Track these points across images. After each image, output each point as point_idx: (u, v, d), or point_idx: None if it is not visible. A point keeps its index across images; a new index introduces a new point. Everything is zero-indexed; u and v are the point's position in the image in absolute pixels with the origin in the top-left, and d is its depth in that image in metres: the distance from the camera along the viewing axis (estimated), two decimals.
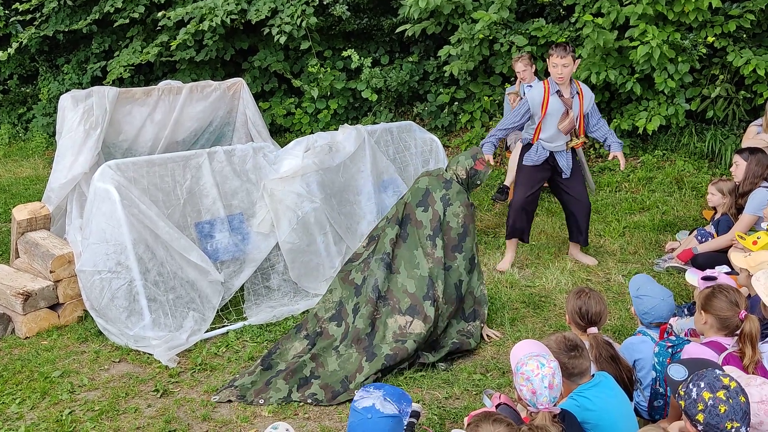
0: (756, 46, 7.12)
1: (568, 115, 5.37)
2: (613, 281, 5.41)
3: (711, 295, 3.26)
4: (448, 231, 4.57)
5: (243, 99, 6.75)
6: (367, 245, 4.79)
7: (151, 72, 10.26)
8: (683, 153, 7.61)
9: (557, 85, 5.37)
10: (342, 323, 4.52)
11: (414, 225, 4.61)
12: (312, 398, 4.02)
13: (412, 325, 4.37)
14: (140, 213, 4.69)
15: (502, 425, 2.57)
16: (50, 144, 10.03)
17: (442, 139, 8.51)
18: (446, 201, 4.59)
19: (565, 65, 5.26)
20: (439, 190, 4.63)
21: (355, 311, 4.52)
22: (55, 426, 3.81)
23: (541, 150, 5.51)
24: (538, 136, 5.50)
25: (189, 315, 4.78)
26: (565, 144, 5.49)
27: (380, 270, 4.53)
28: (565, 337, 3.00)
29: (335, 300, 4.64)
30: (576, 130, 5.47)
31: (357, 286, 4.61)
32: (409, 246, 4.58)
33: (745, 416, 2.41)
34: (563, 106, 5.38)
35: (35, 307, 4.87)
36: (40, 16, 9.96)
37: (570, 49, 5.26)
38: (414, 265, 4.51)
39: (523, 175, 5.62)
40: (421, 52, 9.19)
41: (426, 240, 4.55)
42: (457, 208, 4.57)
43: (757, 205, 5.12)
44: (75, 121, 5.56)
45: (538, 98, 5.43)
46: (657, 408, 3.38)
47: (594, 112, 5.57)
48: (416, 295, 4.43)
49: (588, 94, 5.52)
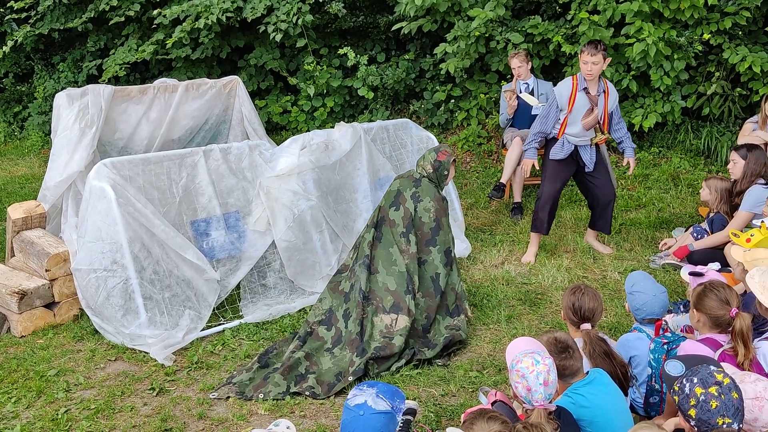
0: (752, 43, 7.13)
1: (592, 111, 5.42)
2: (609, 278, 5.42)
3: (702, 293, 3.27)
4: (421, 226, 4.69)
5: (239, 97, 6.75)
6: (352, 256, 4.90)
7: (147, 70, 10.23)
8: (679, 150, 7.62)
9: (585, 82, 5.40)
10: (332, 328, 4.58)
11: (388, 225, 4.72)
12: (309, 390, 4.07)
13: (397, 322, 4.46)
14: (136, 211, 4.69)
15: (496, 422, 2.57)
16: (46, 142, 10.01)
17: (439, 137, 8.51)
18: (416, 198, 4.71)
19: (595, 63, 5.30)
20: (409, 189, 4.76)
21: (346, 316, 4.58)
22: (51, 425, 3.80)
23: (567, 144, 5.57)
24: (564, 131, 5.54)
25: (185, 313, 4.78)
26: (590, 139, 5.56)
27: (362, 272, 4.63)
28: (556, 339, 3.01)
29: (325, 308, 4.71)
30: (600, 127, 5.53)
31: (346, 294, 4.70)
32: (384, 245, 4.68)
33: (737, 412, 2.42)
34: (589, 102, 5.44)
35: (31, 306, 4.86)
36: (35, 14, 9.93)
37: (601, 48, 5.31)
38: (391, 263, 4.61)
39: (550, 170, 5.68)
40: (418, 49, 9.18)
41: (400, 237, 4.66)
42: (428, 203, 4.69)
43: (753, 203, 5.13)
44: (70, 120, 5.55)
45: (565, 93, 5.48)
46: (653, 404, 3.39)
47: (616, 112, 5.66)
48: (397, 292, 4.53)
49: (613, 93, 5.59)
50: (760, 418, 2.53)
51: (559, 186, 5.68)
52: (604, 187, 5.70)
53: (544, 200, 5.69)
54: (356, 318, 4.49)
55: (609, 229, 5.87)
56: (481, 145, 8.38)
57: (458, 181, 7.71)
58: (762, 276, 3.32)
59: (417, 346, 4.43)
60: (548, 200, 5.67)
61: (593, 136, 5.56)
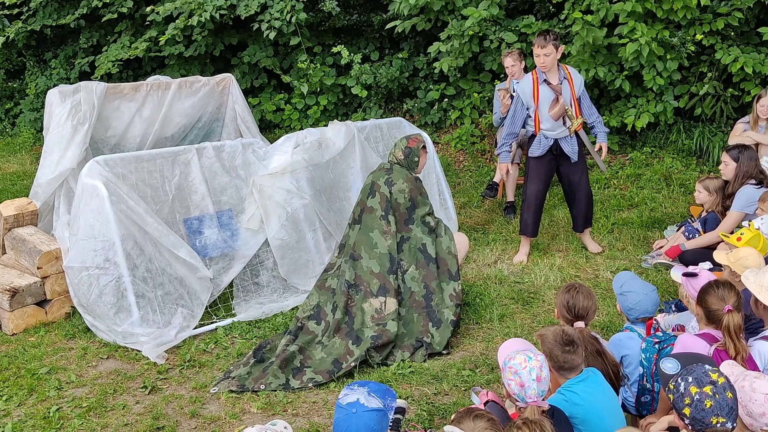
0: (744, 44, 7.16)
1: (558, 101, 5.39)
2: (602, 278, 5.43)
3: (704, 289, 3.32)
4: (398, 207, 4.84)
5: (232, 95, 6.73)
6: (338, 254, 4.99)
7: (140, 67, 10.19)
8: (671, 150, 7.65)
9: (544, 74, 5.39)
10: (321, 321, 4.66)
11: (368, 212, 4.85)
12: (311, 382, 4.13)
13: (386, 304, 4.57)
14: (128, 209, 4.67)
15: (482, 420, 2.58)
16: (37, 139, 9.96)
17: (432, 136, 8.51)
18: (390, 183, 4.86)
19: (546, 54, 5.29)
20: (382, 177, 4.91)
21: (333, 309, 4.67)
22: (43, 423, 3.79)
23: (544, 140, 5.55)
24: (539, 126, 5.53)
25: (177, 311, 4.77)
26: (567, 129, 5.52)
27: (347, 265, 4.74)
28: (563, 331, 3.02)
29: (312, 304, 4.78)
30: (571, 114, 5.49)
31: (333, 290, 4.78)
32: (364, 230, 4.81)
33: (731, 412, 2.44)
34: (552, 93, 5.42)
35: (22, 304, 4.84)
36: (27, 11, 9.88)
37: (551, 38, 5.28)
38: (372, 246, 4.75)
39: (531, 170, 5.68)
40: (411, 48, 9.18)
41: (380, 220, 4.80)
42: (402, 185, 4.85)
43: (744, 203, 5.16)
44: (63, 117, 5.53)
45: (528, 90, 5.49)
46: (644, 403, 3.40)
47: (584, 96, 5.62)
48: (381, 273, 4.68)
49: (577, 77, 5.56)
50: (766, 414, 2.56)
51: (541, 186, 5.66)
52: (581, 187, 5.67)
53: (527, 202, 5.70)
54: (342, 307, 4.59)
55: (590, 222, 5.87)
56: (474, 144, 8.39)
57: (451, 179, 7.72)
58: (756, 276, 3.34)
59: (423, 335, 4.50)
60: (531, 202, 5.68)
61: (569, 125, 5.51)
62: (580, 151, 5.63)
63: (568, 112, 5.45)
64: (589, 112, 5.66)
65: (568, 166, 5.64)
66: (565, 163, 5.64)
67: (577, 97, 5.54)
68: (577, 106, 5.53)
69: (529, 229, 5.75)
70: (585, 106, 5.63)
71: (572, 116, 5.50)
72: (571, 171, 5.65)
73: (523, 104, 5.53)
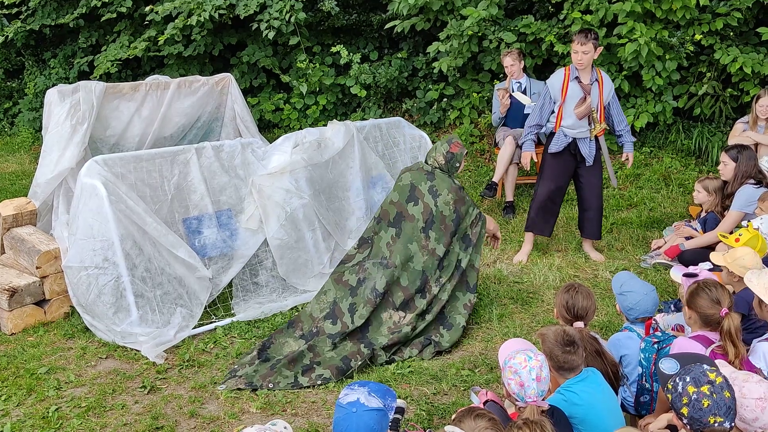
0: (743, 44, 7.17)
1: (585, 100, 5.35)
2: (601, 278, 5.43)
3: (694, 291, 3.31)
4: (443, 220, 4.69)
5: (231, 94, 6.73)
6: (359, 247, 4.89)
7: (139, 67, 10.19)
8: (670, 150, 7.65)
9: (577, 71, 5.37)
10: (337, 321, 4.59)
11: (408, 220, 4.71)
12: (320, 379, 4.15)
13: (405, 319, 4.54)
14: (127, 209, 4.67)
15: (484, 420, 2.59)
16: (36, 139, 9.95)
17: (431, 136, 8.51)
18: (434, 192, 4.70)
19: (585, 52, 5.23)
20: (424, 182, 4.74)
21: (351, 311, 4.59)
22: (42, 423, 3.78)
23: (563, 137, 5.49)
24: (560, 123, 5.49)
25: (176, 311, 4.76)
26: (588, 131, 5.47)
27: (378, 272, 4.63)
28: (564, 331, 3.02)
29: (329, 300, 4.72)
30: (596, 117, 5.44)
31: (352, 288, 4.69)
32: (403, 240, 4.68)
33: (729, 411, 2.44)
34: (581, 91, 5.38)
35: (21, 303, 4.83)
36: (26, 10, 9.87)
37: (591, 36, 5.24)
38: (408, 259, 4.64)
39: (546, 167, 5.62)
40: (410, 48, 9.18)
41: (420, 233, 4.66)
42: (447, 196, 4.69)
43: (743, 203, 5.16)
44: (62, 116, 5.53)
45: (557, 84, 5.44)
46: (643, 403, 3.40)
47: (614, 103, 5.56)
48: (409, 289, 4.59)
49: (608, 83, 5.50)
50: (760, 418, 2.55)
51: (553, 187, 5.59)
52: (592, 192, 5.63)
53: (536, 200, 5.66)
54: (362, 315, 4.53)
55: (599, 235, 5.79)
56: (473, 143, 8.39)
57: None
58: (760, 278, 3.34)
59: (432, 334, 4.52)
60: (541, 200, 5.63)
61: (591, 128, 5.46)
62: (597, 156, 5.58)
63: (593, 113, 5.41)
64: (618, 119, 5.59)
65: (583, 169, 5.60)
66: (581, 166, 5.60)
67: (606, 103, 5.48)
68: (602, 112, 5.47)
69: (536, 228, 5.71)
70: (614, 113, 5.56)
71: (596, 119, 5.45)
72: (585, 175, 5.61)
73: (551, 98, 5.47)
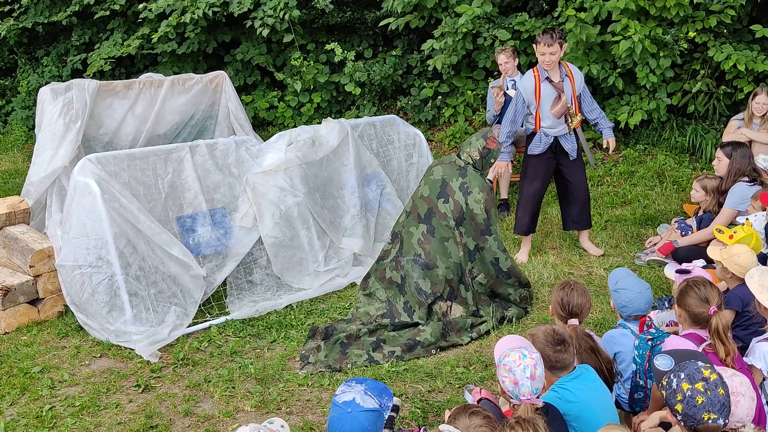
0: (737, 42, 7.18)
1: (560, 99, 5.37)
2: (595, 275, 5.44)
3: (683, 290, 3.32)
4: (474, 217, 4.73)
5: (225, 92, 6.72)
6: (392, 241, 4.97)
7: (132, 65, 10.15)
8: (664, 147, 7.67)
9: (546, 71, 5.38)
10: (396, 320, 4.70)
11: (439, 217, 4.74)
12: (392, 356, 4.30)
13: (452, 309, 4.67)
14: (121, 207, 4.66)
15: (478, 417, 2.59)
16: (29, 137, 9.91)
17: (426, 133, 8.51)
18: (465, 190, 4.73)
19: (552, 53, 5.27)
20: (455, 179, 4.75)
21: (407, 310, 4.69)
22: (35, 422, 3.77)
23: (544, 138, 5.52)
24: (539, 124, 5.51)
25: (171, 310, 4.75)
26: (567, 126, 5.50)
27: (416, 271, 4.71)
28: (554, 330, 3.02)
29: (383, 299, 4.81)
30: (572, 112, 5.48)
31: (399, 285, 4.78)
32: (438, 239, 4.73)
33: (723, 408, 2.45)
34: (554, 90, 5.40)
35: (14, 303, 4.82)
36: (18, 8, 9.83)
37: (557, 36, 5.26)
38: (447, 255, 4.71)
39: (530, 167, 5.65)
40: (405, 45, 9.17)
41: (453, 230, 4.72)
42: (478, 195, 4.72)
43: (736, 200, 5.17)
44: (55, 114, 5.51)
45: (530, 87, 5.45)
46: (637, 400, 3.41)
47: (585, 93, 5.60)
48: (454, 281, 4.70)
49: (578, 74, 5.54)
50: (735, 413, 2.57)
51: (538, 186, 5.62)
52: (579, 185, 5.66)
53: (524, 201, 5.68)
54: (421, 316, 4.63)
55: (589, 223, 5.84)
56: None
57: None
58: (761, 275, 3.35)
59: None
60: (527, 201, 5.65)
61: (569, 122, 5.50)
62: (578, 149, 5.62)
63: (569, 110, 5.44)
64: (590, 108, 5.63)
65: (566, 164, 5.62)
66: (563, 161, 5.61)
67: (578, 95, 5.53)
68: (576, 104, 5.52)
69: (524, 229, 5.74)
70: (586, 102, 5.59)
71: (572, 114, 5.49)
72: (569, 169, 5.63)
73: (524, 102, 5.48)
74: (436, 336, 4.47)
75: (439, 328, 4.52)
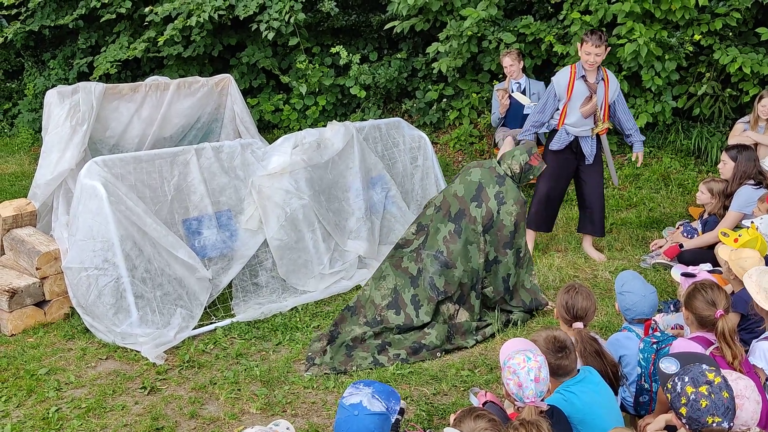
0: (742, 44, 7.17)
1: (591, 99, 5.37)
2: (600, 278, 5.44)
3: (691, 293, 3.31)
4: (501, 228, 4.70)
5: (231, 95, 6.73)
6: (416, 233, 4.91)
7: (138, 68, 10.19)
8: (670, 150, 7.66)
9: (584, 70, 5.38)
10: (401, 312, 4.66)
11: (468, 221, 4.70)
12: (397, 358, 4.30)
13: (459, 313, 4.65)
14: (127, 209, 4.67)
15: (483, 420, 2.59)
16: (36, 140, 9.95)
17: (431, 136, 8.51)
18: (500, 199, 4.69)
19: (598, 54, 5.27)
20: (492, 185, 4.72)
21: (415, 303, 4.65)
22: (42, 424, 3.79)
23: (565, 135, 5.51)
24: (563, 121, 5.50)
25: (176, 312, 4.77)
26: (591, 129, 5.50)
27: (434, 267, 4.67)
28: (554, 337, 3.02)
29: (390, 287, 4.76)
30: (600, 116, 5.47)
31: (413, 277, 4.74)
32: (463, 241, 4.69)
33: (727, 411, 2.44)
34: (588, 90, 5.40)
35: (21, 305, 4.84)
36: (25, 11, 9.87)
37: (605, 38, 5.29)
38: (468, 259, 4.68)
39: (548, 165, 5.59)
40: (410, 48, 9.18)
41: (480, 236, 4.69)
42: (511, 207, 4.68)
43: (742, 203, 5.17)
44: (61, 117, 5.53)
45: (563, 81, 5.44)
46: (643, 404, 3.40)
47: (620, 101, 5.58)
48: (467, 286, 4.68)
49: (614, 82, 5.53)
50: (740, 416, 2.56)
51: (553, 184, 5.61)
52: (593, 190, 5.65)
53: (537, 197, 5.70)
54: (428, 312, 4.61)
55: (602, 232, 5.79)
56: (473, 144, 8.39)
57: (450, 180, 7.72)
58: (759, 276, 3.34)
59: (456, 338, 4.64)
60: (541, 197, 5.67)
61: (593, 126, 5.48)
62: (598, 154, 5.61)
63: (597, 113, 5.43)
64: (625, 117, 5.61)
65: (583, 167, 5.62)
66: (581, 164, 5.62)
67: (611, 102, 5.51)
68: (606, 111, 5.50)
69: (535, 224, 5.73)
70: (621, 111, 5.58)
71: (600, 118, 5.47)
72: (586, 173, 5.63)
73: (555, 95, 5.47)
74: (441, 339, 4.48)
75: (444, 331, 4.52)
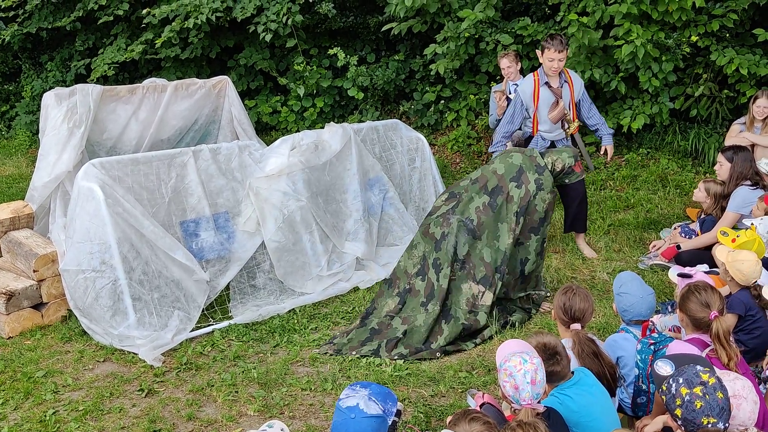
0: (739, 46, 7.18)
1: (558, 104, 5.43)
2: (598, 279, 5.44)
3: (685, 294, 3.32)
4: (533, 213, 4.80)
5: (228, 97, 6.73)
6: (446, 200, 4.96)
7: (136, 70, 10.19)
8: (667, 151, 7.66)
9: (546, 76, 5.42)
10: (425, 278, 4.74)
11: (505, 198, 4.78)
12: (397, 355, 4.37)
13: (484, 296, 4.65)
14: (125, 212, 4.67)
15: (478, 423, 2.59)
16: (33, 142, 9.94)
17: (428, 138, 8.52)
18: (539, 185, 4.80)
19: (561, 59, 5.34)
20: (532, 172, 4.82)
21: (436, 267, 4.71)
22: (39, 426, 3.78)
23: (541, 141, 5.58)
24: (537, 128, 5.55)
25: (174, 314, 4.76)
26: (564, 132, 5.54)
27: (461, 233, 4.71)
28: (545, 345, 3.02)
29: (419, 255, 4.86)
30: (569, 118, 5.53)
31: (437, 241, 4.79)
32: (495, 217, 4.76)
33: (722, 412, 2.45)
34: (553, 96, 5.44)
35: (18, 307, 4.83)
36: (23, 13, 9.86)
37: (565, 43, 5.37)
38: (495, 237, 4.74)
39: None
40: (407, 50, 9.19)
41: (513, 216, 4.75)
42: (546, 195, 4.80)
43: (739, 204, 5.17)
44: (59, 119, 5.52)
45: (528, 91, 5.50)
46: (640, 405, 3.40)
47: (585, 99, 5.65)
48: (491, 266, 4.70)
49: (577, 81, 5.60)
50: (737, 416, 2.57)
51: None
52: (576, 190, 5.65)
53: None
54: (446, 275, 4.63)
55: (585, 226, 5.86)
56: (470, 146, 8.40)
57: (448, 182, 7.72)
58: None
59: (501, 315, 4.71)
60: None
61: (567, 128, 5.55)
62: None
63: (566, 116, 5.49)
64: (589, 114, 5.68)
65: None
66: None
67: (577, 101, 5.57)
68: (574, 110, 5.56)
69: None
70: (585, 108, 5.64)
71: (570, 120, 5.53)
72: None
73: (522, 104, 5.54)
74: (450, 339, 4.50)
75: (458, 331, 4.53)
